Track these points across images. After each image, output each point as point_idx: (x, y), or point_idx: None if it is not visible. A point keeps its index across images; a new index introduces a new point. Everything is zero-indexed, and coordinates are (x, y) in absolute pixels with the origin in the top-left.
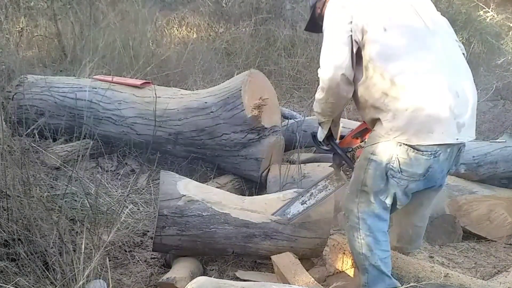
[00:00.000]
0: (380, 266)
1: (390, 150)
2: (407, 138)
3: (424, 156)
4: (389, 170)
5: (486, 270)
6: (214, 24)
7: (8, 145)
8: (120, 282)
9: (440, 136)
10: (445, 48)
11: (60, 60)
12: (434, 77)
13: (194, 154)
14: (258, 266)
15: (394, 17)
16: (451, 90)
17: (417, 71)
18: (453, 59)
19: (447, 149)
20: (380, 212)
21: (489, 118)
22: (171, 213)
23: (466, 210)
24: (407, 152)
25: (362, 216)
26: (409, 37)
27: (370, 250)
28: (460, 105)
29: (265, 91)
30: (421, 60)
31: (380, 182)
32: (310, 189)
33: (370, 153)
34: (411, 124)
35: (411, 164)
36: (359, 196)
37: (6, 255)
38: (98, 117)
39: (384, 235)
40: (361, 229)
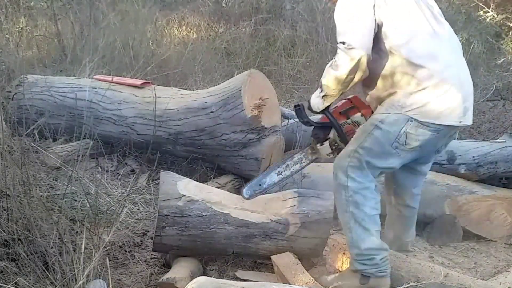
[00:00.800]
0: (367, 223)
1: (401, 123)
2: (418, 114)
3: (430, 132)
4: (394, 142)
5: (486, 270)
6: (214, 24)
7: (8, 145)
8: (120, 282)
9: (449, 117)
10: (450, 37)
11: (60, 60)
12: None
13: (194, 154)
14: (258, 266)
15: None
16: (461, 76)
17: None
18: (455, 45)
19: (450, 129)
20: (367, 173)
21: (489, 118)
22: (171, 213)
23: (466, 210)
24: (417, 128)
25: (351, 174)
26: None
27: (357, 208)
28: (466, 89)
29: (265, 91)
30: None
31: (380, 150)
32: (286, 161)
33: (379, 121)
34: (425, 102)
35: (416, 139)
36: (352, 156)
37: (6, 255)
38: (98, 117)
39: (371, 192)
40: (349, 187)
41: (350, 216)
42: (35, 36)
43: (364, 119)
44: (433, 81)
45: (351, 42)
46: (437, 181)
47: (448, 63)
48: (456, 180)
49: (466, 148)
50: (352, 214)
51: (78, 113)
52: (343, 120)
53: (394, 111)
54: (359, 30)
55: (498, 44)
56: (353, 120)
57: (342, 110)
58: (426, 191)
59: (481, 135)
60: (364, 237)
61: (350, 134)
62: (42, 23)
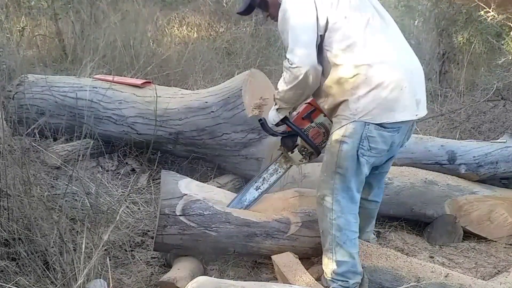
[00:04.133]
0: (348, 247)
1: (360, 130)
2: (372, 117)
3: (389, 133)
4: (359, 149)
5: (487, 270)
6: (214, 24)
7: (9, 144)
8: (120, 282)
9: (402, 113)
10: (395, 31)
11: (61, 59)
12: (393, 59)
13: (194, 154)
14: (259, 266)
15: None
16: (407, 69)
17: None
18: (402, 40)
19: (407, 124)
20: (354, 193)
21: (489, 118)
22: (172, 212)
23: (466, 210)
24: (376, 130)
25: (337, 197)
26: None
27: (339, 231)
28: (416, 82)
29: (266, 91)
30: (380, 45)
31: (352, 162)
32: (262, 174)
33: (341, 136)
34: (375, 104)
35: (378, 141)
36: (334, 178)
37: (6, 254)
38: (99, 116)
39: (355, 217)
40: (334, 211)
41: (333, 239)
42: (35, 36)
43: (327, 119)
44: (378, 81)
45: (294, 60)
46: (437, 181)
47: (391, 61)
48: (456, 180)
49: (467, 148)
50: (334, 237)
51: (78, 112)
52: (308, 124)
53: (349, 121)
54: (302, 46)
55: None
56: (317, 122)
57: (305, 115)
58: (426, 191)
59: (482, 135)
60: (344, 260)
61: (316, 137)
62: (42, 22)
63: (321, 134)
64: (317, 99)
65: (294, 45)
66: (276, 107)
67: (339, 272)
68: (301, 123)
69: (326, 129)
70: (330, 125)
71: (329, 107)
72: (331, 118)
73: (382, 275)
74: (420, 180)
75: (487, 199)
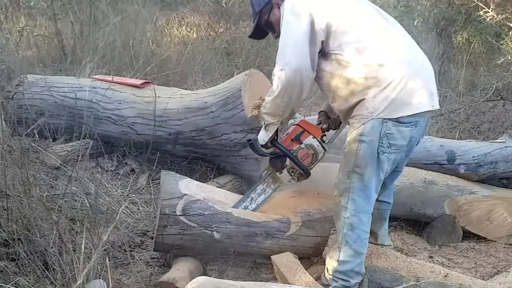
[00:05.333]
0: (358, 246)
1: (378, 127)
2: (389, 113)
3: (408, 127)
4: (379, 147)
5: (486, 270)
6: (214, 24)
7: (8, 144)
8: (120, 282)
9: (418, 106)
10: (400, 30)
11: (60, 59)
12: (404, 55)
13: (194, 154)
14: (258, 266)
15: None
16: (419, 64)
17: (389, 53)
18: (408, 38)
19: (425, 117)
20: (371, 193)
21: (489, 118)
22: (172, 212)
23: (466, 210)
24: (394, 127)
25: (353, 197)
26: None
27: (351, 230)
28: (427, 75)
29: (265, 91)
30: (390, 43)
31: (372, 161)
32: (250, 194)
33: (359, 135)
34: (391, 100)
35: (397, 137)
36: (351, 178)
37: (6, 254)
38: (98, 117)
39: (368, 217)
40: (348, 209)
41: (343, 237)
42: (35, 36)
43: (316, 140)
44: (392, 78)
45: (281, 63)
46: (437, 181)
47: (403, 57)
48: (456, 180)
49: (466, 148)
50: (345, 235)
51: (78, 113)
52: (297, 145)
53: (366, 120)
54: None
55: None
56: (306, 144)
57: (294, 137)
58: (425, 191)
59: (481, 135)
60: (351, 258)
61: (305, 159)
62: (42, 22)
63: (310, 156)
64: (332, 103)
65: (282, 51)
66: (264, 125)
67: (342, 271)
68: (290, 144)
69: (315, 151)
70: (318, 146)
71: (344, 109)
72: (346, 120)
73: (382, 275)
74: (420, 180)
75: (487, 199)
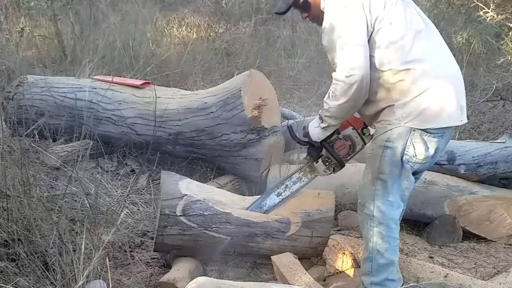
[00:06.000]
0: (389, 254)
1: (405, 135)
2: (418, 123)
3: (435, 138)
4: (404, 155)
5: (486, 270)
6: (214, 25)
7: (8, 145)
8: (120, 282)
9: (448, 119)
10: (439, 38)
11: (60, 60)
12: (438, 64)
13: (194, 155)
14: (258, 267)
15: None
16: (453, 74)
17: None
18: (444, 46)
19: (451, 130)
20: (395, 199)
21: (489, 119)
22: (172, 213)
23: (466, 211)
24: (421, 136)
25: (378, 204)
26: (412, 29)
27: (381, 238)
28: (459, 88)
29: (265, 92)
30: (425, 50)
31: (396, 168)
32: (284, 181)
33: (385, 141)
34: (421, 110)
35: (425, 148)
36: (376, 184)
37: (6, 255)
38: (98, 117)
39: (396, 223)
40: (375, 217)
41: (373, 246)
42: (35, 36)
43: (356, 132)
44: (424, 87)
45: (347, 68)
46: (437, 182)
47: (437, 66)
48: (456, 180)
49: (466, 149)
50: (376, 244)
51: (78, 113)
52: (335, 135)
53: (394, 126)
54: (353, 53)
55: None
56: (344, 135)
57: None
58: (425, 191)
59: (481, 135)
60: (385, 268)
61: (341, 149)
62: (42, 23)
63: (346, 147)
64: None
65: (344, 54)
66: (324, 125)
67: (377, 282)
68: None
69: (352, 143)
70: (357, 138)
71: (371, 113)
72: (372, 124)
73: None
74: (420, 180)
75: (487, 199)
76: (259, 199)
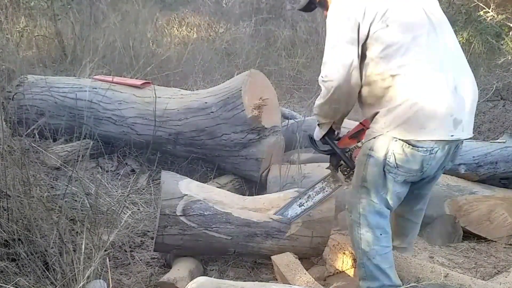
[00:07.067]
0: (378, 262)
1: (386, 145)
2: (400, 132)
3: (420, 152)
4: (385, 165)
5: (486, 270)
6: (214, 24)
7: (8, 145)
8: (120, 282)
9: (433, 132)
10: (447, 45)
11: (60, 60)
12: (432, 73)
13: (194, 154)
14: (258, 266)
15: (397, 13)
16: (450, 85)
17: (415, 68)
18: (455, 56)
19: (444, 145)
20: (380, 208)
21: (489, 119)
22: (173, 213)
23: (466, 211)
24: (402, 147)
25: (363, 212)
26: (410, 34)
27: (368, 246)
28: (458, 101)
29: (265, 91)
30: (420, 57)
31: (378, 177)
32: (307, 191)
33: (368, 149)
34: (404, 119)
35: (406, 160)
36: (360, 192)
37: (6, 255)
38: (98, 117)
39: (383, 231)
40: (361, 225)
41: (362, 253)
42: (35, 36)
43: None
44: (410, 96)
45: (327, 66)
46: (437, 181)
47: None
48: (456, 180)
49: (466, 148)
50: (364, 252)
51: (78, 113)
52: (354, 144)
53: (378, 134)
54: (335, 60)
55: (498, 44)
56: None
57: (352, 135)
58: None
59: (481, 135)
60: (376, 274)
61: None
62: (42, 23)
63: None
64: (361, 109)
65: (327, 58)
66: (318, 123)
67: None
68: (347, 142)
69: None
70: None
71: (367, 118)
72: None
73: None
74: None
75: (487, 199)
76: (282, 208)
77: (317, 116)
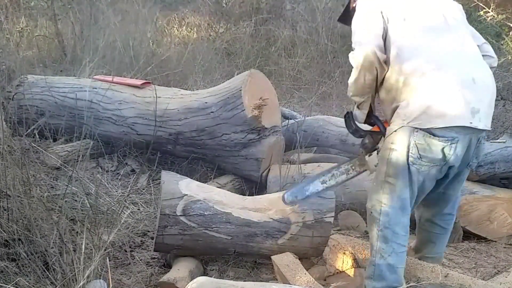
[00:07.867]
0: (394, 260)
1: (408, 137)
2: (420, 122)
3: (441, 142)
4: (409, 158)
5: (487, 270)
6: (214, 24)
7: (8, 145)
8: (120, 282)
9: (452, 119)
10: (463, 43)
11: (61, 60)
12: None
13: (194, 154)
14: (258, 266)
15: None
16: (467, 78)
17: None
18: (470, 53)
19: (465, 135)
20: (403, 204)
21: None
22: (173, 213)
23: (466, 210)
24: (424, 137)
25: (385, 208)
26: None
27: (385, 243)
28: (477, 91)
29: (266, 91)
30: (436, 55)
31: (403, 170)
32: (332, 170)
33: (390, 143)
34: (424, 109)
35: (429, 150)
36: (383, 187)
37: (6, 255)
38: (98, 117)
39: (403, 229)
40: (381, 221)
41: (377, 250)
42: (35, 36)
43: None
44: (428, 87)
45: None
46: None
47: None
48: None
49: None
50: (379, 249)
51: (78, 113)
52: None
53: (398, 126)
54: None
55: (499, 44)
56: None
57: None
58: None
59: None
60: (387, 274)
61: None
62: (42, 23)
63: None
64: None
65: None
66: (356, 105)
67: (381, 286)
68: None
69: None
70: None
71: (386, 114)
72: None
73: None
74: None
75: (487, 199)
76: (302, 183)
77: (354, 97)
